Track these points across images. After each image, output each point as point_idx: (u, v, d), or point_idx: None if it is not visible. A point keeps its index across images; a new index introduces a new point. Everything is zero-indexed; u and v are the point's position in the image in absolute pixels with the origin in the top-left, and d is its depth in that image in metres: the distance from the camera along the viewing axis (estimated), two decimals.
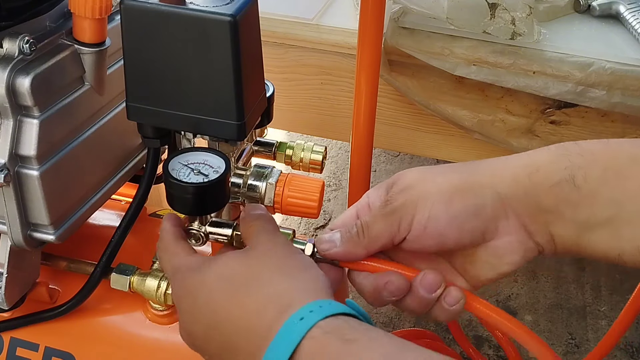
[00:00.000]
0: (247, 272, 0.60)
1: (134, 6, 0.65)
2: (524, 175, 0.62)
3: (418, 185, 0.64)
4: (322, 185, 0.75)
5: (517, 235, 0.63)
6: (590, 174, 0.60)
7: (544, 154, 0.63)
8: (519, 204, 0.62)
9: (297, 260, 0.62)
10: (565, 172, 0.60)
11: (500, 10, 1.08)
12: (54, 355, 0.82)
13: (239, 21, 0.63)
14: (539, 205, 0.61)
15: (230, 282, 0.60)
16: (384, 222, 0.64)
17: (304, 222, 1.76)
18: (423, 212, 0.62)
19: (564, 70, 1.09)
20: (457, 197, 0.62)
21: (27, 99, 0.69)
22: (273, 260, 0.61)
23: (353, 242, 0.65)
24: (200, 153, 0.70)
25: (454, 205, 0.62)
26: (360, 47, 0.87)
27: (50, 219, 0.74)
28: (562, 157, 0.61)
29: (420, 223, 0.62)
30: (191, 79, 0.67)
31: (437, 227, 0.62)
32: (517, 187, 0.62)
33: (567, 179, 0.60)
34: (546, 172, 0.61)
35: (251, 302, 0.58)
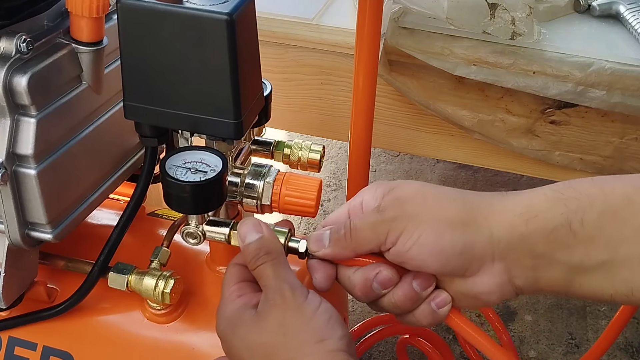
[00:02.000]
0: (266, 351, 0.62)
1: (130, 5, 0.65)
2: (522, 222, 0.62)
3: (414, 203, 0.64)
4: (319, 184, 0.75)
5: (498, 278, 0.63)
6: (586, 219, 0.60)
7: (542, 199, 0.62)
8: (511, 249, 0.62)
9: (308, 332, 0.62)
10: (562, 217, 0.60)
11: (500, 10, 1.08)
12: (52, 354, 0.82)
13: (235, 20, 0.63)
14: (533, 251, 0.61)
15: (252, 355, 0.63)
16: (371, 230, 0.64)
17: (304, 222, 1.76)
18: (411, 234, 0.62)
19: (564, 70, 1.09)
20: (448, 231, 0.62)
21: (24, 98, 0.69)
22: (286, 340, 0.62)
23: (341, 245, 0.65)
24: (198, 152, 0.70)
25: (443, 239, 0.62)
26: (358, 47, 0.87)
27: (48, 218, 0.74)
28: (558, 202, 0.61)
29: (405, 244, 0.62)
30: (188, 77, 0.67)
31: (421, 253, 0.62)
32: (513, 233, 0.62)
33: (564, 224, 0.60)
34: (544, 218, 0.61)
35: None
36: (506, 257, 0.62)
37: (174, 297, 0.79)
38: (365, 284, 0.65)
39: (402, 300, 0.65)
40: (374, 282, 0.64)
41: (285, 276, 0.65)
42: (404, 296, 0.64)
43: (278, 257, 0.66)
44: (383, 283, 0.64)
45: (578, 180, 0.63)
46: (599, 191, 0.61)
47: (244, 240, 0.67)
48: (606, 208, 0.60)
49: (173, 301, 0.79)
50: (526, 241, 0.61)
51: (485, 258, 0.62)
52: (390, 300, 0.65)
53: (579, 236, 0.60)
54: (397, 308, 0.66)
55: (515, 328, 1.51)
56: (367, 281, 0.65)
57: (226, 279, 0.68)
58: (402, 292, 0.64)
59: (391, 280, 0.64)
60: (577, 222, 0.60)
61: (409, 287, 0.64)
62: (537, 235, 0.61)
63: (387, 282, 0.64)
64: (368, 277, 0.65)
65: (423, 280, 0.64)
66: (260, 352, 0.62)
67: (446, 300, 0.65)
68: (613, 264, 0.60)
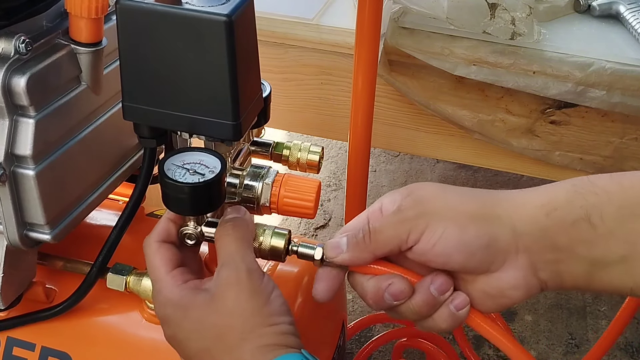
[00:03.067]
0: (217, 331, 0.64)
1: (129, 6, 0.65)
2: (543, 214, 0.62)
3: (434, 201, 0.64)
4: (318, 185, 0.75)
5: (523, 271, 0.63)
6: (606, 213, 0.60)
7: (561, 192, 0.63)
8: (534, 241, 0.62)
9: (262, 314, 0.64)
10: (581, 210, 0.61)
11: (500, 10, 1.08)
12: (50, 354, 0.82)
13: (234, 21, 0.63)
14: (554, 244, 0.62)
15: (203, 337, 0.64)
16: (393, 228, 0.64)
17: (304, 222, 1.76)
18: (435, 229, 0.62)
19: (564, 70, 1.09)
20: (472, 224, 0.62)
21: (22, 98, 0.69)
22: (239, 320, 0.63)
23: (359, 248, 0.65)
24: (196, 153, 0.70)
25: (467, 232, 0.62)
26: (358, 47, 0.87)
27: (46, 219, 0.74)
28: (578, 196, 0.62)
29: (430, 240, 0.62)
30: (187, 79, 0.67)
31: (446, 248, 0.62)
32: (534, 226, 0.62)
33: (584, 217, 0.61)
34: (564, 211, 0.62)
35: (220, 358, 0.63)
36: (529, 250, 0.62)
37: None
38: (377, 294, 0.65)
39: (420, 306, 0.64)
40: (386, 293, 0.64)
41: (245, 256, 0.66)
42: (423, 302, 0.64)
43: (246, 237, 0.68)
44: (395, 295, 0.64)
45: (597, 176, 0.63)
46: (618, 186, 0.62)
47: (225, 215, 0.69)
48: (625, 203, 0.61)
49: None
50: (548, 233, 0.62)
51: (509, 251, 0.62)
52: (409, 307, 0.64)
53: (599, 230, 0.60)
54: (416, 314, 0.65)
55: (515, 328, 1.51)
56: (379, 291, 0.64)
57: (158, 262, 0.69)
58: (421, 298, 0.64)
59: (403, 293, 0.64)
60: (596, 216, 0.60)
61: (427, 293, 0.64)
62: (558, 227, 0.61)
63: (398, 294, 0.64)
64: (380, 287, 0.64)
65: (441, 284, 0.64)
66: (212, 333, 0.64)
67: (465, 302, 0.64)
68: (633, 258, 0.60)
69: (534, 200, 0.63)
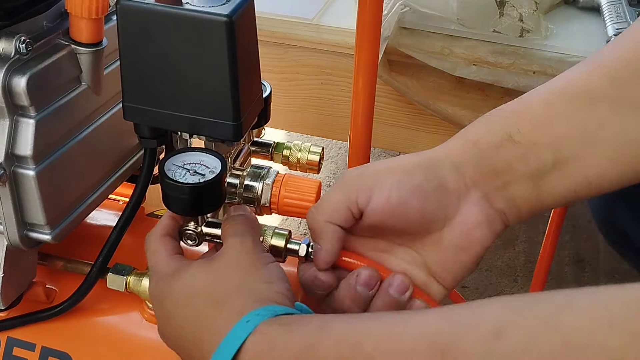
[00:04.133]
0: (209, 287, 0.62)
1: (130, 6, 0.65)
2: (470, 145, 0.65)
3: (373, 165, 0.68)
4: (318, 185, 0.75)
5: (479, 205, 0.65)
6: (522, 128, 0.64)
7: (477, 125, 0.66)
8: (476, 172, 0.64)
9: (259, 273, 0.63)
10: (501, 132, 0.64)
11: (508, 7, 1.08)
12: (50, 355, 0.82)
13: (235, 21, 0.63)
14: (494, 168, 0.64)
15: (193, 297, 0.63)
16: (338, 190, 0.66)
17: (304, 223, 1.76)
18: (384, 182, 0.64)
19: (564, 70, 1.09)
20: (418, 169, 0.65)
21: (23, 99, 0.69)
22: (234, 274, 0.63)
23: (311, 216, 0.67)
24: (196, 153, 0.70)
25: (416, 176, 0.64)
26: (358, 47, 0.87)
27: (47, 219, 0.74)
28: (492, 122, 0.66)
29: (382, 193, 0.64)
30: (187, 79, 0.67)
31: (401, 195, 0.63)
32: (469, 156, 0.65)
33: (506, 137, 0.64)
34: (487, 137, 0.65)
35: (208, 314, 0.61)
36: (475, 182, 0.65)
37: None
38: (349, 292, 0.65)
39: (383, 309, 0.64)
40: (357, 286, 0.64)
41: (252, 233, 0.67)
42: (383, 303, 0.64)
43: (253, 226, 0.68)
44: (366, 282, 0.64)
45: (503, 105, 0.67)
46: (522, 106, 0.66)
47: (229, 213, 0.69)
48: (534, 115, 0.65)
49: None
50: (483, 160, 0.64)
51: (459, 190, 0.64)
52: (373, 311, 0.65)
53: (523, 144, 0.63)
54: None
55: None
56: (351, 288, 0.65)
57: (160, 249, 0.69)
58: (381, 300, 0.64)
59: (371, 277, 0.64)
60: (515, 133, 0.64)
61: (387, 294, 0.64)
62: (489, 152, 0.64)
63: (368, 280, 0.64)
64: (350, 283, 0.65)
65: (399, 284, 0.64)
66: (208, 288, 0.62)
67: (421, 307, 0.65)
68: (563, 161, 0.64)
69: (459, 139, 0.66)
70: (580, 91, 0.65)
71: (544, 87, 0.67)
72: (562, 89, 0.66)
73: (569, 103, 0.64)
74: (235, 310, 0.59)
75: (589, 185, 0.64)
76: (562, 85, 0.66)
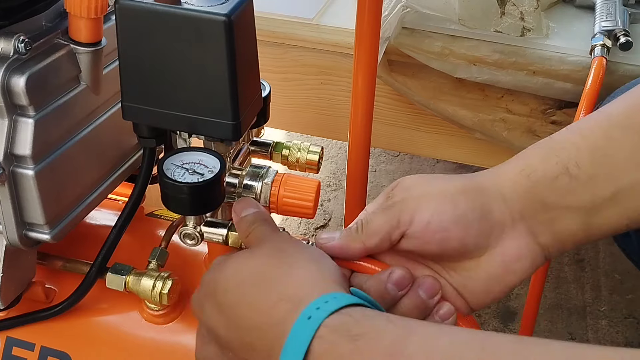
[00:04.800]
0: (256, 272, 0.60)
1: (129, 6, 0.65)
2: (524, 177, 0.63)
3: (420, 186, 0.64)
4: (317, 185, 0.75)
5: (524, 238, 0.63)
6: (580, 161, 0.62)
7: (533, 155, 0.64)
8: (524, 205, 0.63)
9: (304, 253, 0.61)
10: (558, 166, 0.62)
11: (509, 6, 1.08)
12: (49, 354, 0.82)
13: (233, 21, 0.63)
14: (543, 202, 0.62)
15: (240, 285, 0.60)
16: (382, 214, 0.63)
17: (304, 222, 1.76)
18: (427, 207, 0.62)
19: (564, 70, 1.09)
20: (462, 197, 0.62)
21: (22, 98, 0.69)
22: (280, 257, 0.61)
23: (351, 237, 0.64)
24: (195, 153, 0.70)
25: (460, 205, 0.62)
26: (357, 47, 0.87)
27: (46, 219, 0.74)
28: (549, 154, 0.63)
29: (423, 218, 0.62)
30: (186, 78, 0.67)
31: (442, 223, 0.62)
32: (520, 189, 0.63)
33: (562, 170, 0.62)
34: (542, 170, 0.62)
35: (261, 301, 0.58)
36: (523, 215, 0.63)
37: (171, 297, 0.79)
38: (379, 287, 0.63)
39: (410, 309, 0.63)
40: (388, 284, 0.62)
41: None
42: (412, 304, 0.63)
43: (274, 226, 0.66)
44: (398, 282, 0.62)
45: (556, 134, 0.65)
46: (580, 137, 0.64)
47: (240, 214, 0.67)
48: (593, 147, 0.63)
49: (171, 302, 0.79)
50: (534, 194, 0.62)
51: (505, 222, 0.63)
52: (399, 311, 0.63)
53: (580, 178, 0.62)
54: None
55: (515, 328, 1.51)
56: (381, 284, 0.63)
57: None
58: (410, 300, 0.63)
59: (405, 278, 0.62)
60: (573, 166, 0.62)
61: (416, 295, 0.63)
62: (542, 186, 0.62)
63: (401, 280, 0.62)
64: (382, 279, 0.63)
65: (429, 287, 0.63)
66: (249, 279, 0.60)
67: (451, 311, 0.63)
68: (620, 196, 0.62)
69: (511, 168, 0.64)
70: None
71: (604, 116, 0.65)
72: (624, 121, 0.64)
73: (631, 136, 0.62)
74: (294, 298, 0.57)
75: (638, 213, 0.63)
76: (624, 118, 0.64)
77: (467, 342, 0.52)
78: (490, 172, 0.65)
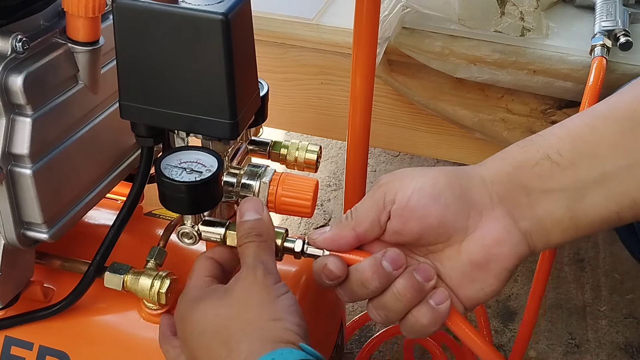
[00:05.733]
0: (220, 323, 0.64)
1: (126, 5, 0.65)
2: (505, 164, 0.65)
3: (404, 171, 0.67)
4: (315, 184, 0.75)
5: (502, 222, 0.64)
6: (562, 149, 0.63)
7: (516, 148, 0.66)
8: (505, 189, 0.64)
9: (269, 308, 0.63)
10: (539, 153, 0.64)
11: (509, 5, 1.08)
12: (48, 354, 0.82)
13: (230, 20, 0.63)
14: (524, 186, 0.64)
15: (202, 333, 0.64)
16: (369, 199, 0.66)
17: (304, 222, 1.76)
18: (408, 184, 0.64)
19: (564, 69, 1.09)
20: (442, 176, 0.64)
21: (19, 97, 0.69)
22: (244, 311, 0.63)
23: (342, 226, 0.67)
24: (193, 152, 0.70)
25: (439, 183, 0.64)
26: (356, 47, 0.87)
27: (44, 218, 0.74)
28: (532, 145, 0.65)
29: (404, 195, 0.64)
30: (184, 77, 0.67)
31: (421, 199, 0.63)
32: (501, 174, 0.65)
33: (543, 157, 0.63)
34: (524, 157, 0.64)
35: (217, 352, 0.62)
36: (503, 198, 0.64)
37: (169, 297, 0.79)
38: (375, 266, 0.64)
39: (405, 288, 0.64)
40: (384, 261, 0.64)
41: (264, 259, 0.66)
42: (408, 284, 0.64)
43: (266, 242, 0.68)
44: (394, 260, 0.64)
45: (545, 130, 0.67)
46: (563, 129, 0.65)
47: (242, 216, 0.69)
48: (575, 137, 0.64)
49: (169, 301, 0.79)
50: (514, 178, 0.64)
51: (484, 203, 0.64)
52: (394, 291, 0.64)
53: (562, 163, 0.63)
54: (400, 301, 0.65)
55: (515, 328, 1.51)
56: (376, 261, 0.64)
57: (197, 270, 0.70)
58: (405, 280, 0.64)
59: (399, 256, 0.65)
60: (554, 153, 0.63)
61: (411, 276, 0.64)
62: (523, 171, 0.64)
63: (396, 258, 0.64)
64: (377, 257, 0.65)
65: (424, 270, 0.65)
66: (216, 325, 0.63)
67: (445, 296, 0.65)
68: (605, 181, 0.62)
69: (492, 159, 0.66)
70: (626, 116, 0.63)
71: (587, 111, 0.67)
72: (606, 112, 0.65)
73: (614, 125, 0.63)
74: (242, 355, 0.60)
75: (634, 205, 0.62)
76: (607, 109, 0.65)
77: None
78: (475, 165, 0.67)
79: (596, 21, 1.10)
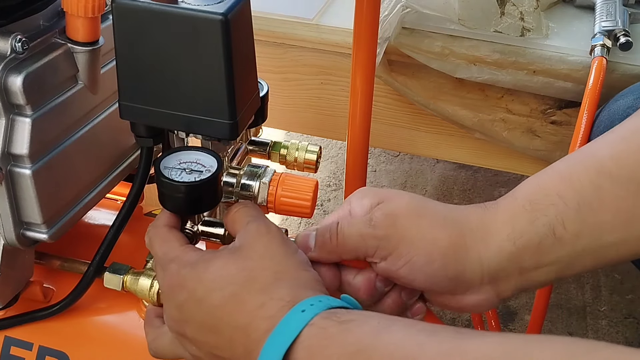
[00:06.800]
0: (247, 274, 0.60)
1: (125, 5, 0.65)
2: (509, 244, 0.63)
3: (407, 225, 0.64)
4: (315, 185, 0.75)
5: (486, 295, 0.65)
6: (567, 219, 0.62)
7: (523, 214, 0.63)
8: (500, 270, 0.63)
9: (294, 260, 0.62)
10: (545, 227, 0.62)
11: (509, 6, 1.08)
12: (47, 354, 0.82)
13: (230, 20, 0.63)
14: (521, 267, 0.63)
15: (230, 283, 0.60)
16: (362, 240, 0.64)
17: (304, 222, 1.76)
18: (402, 254, 0.63)
19: (564, 69, 1.09)
20: (439, 257, 0.63)
21: (19, 97, 0.69)
22: (272, 262, 0.61)
23: (327, 249, 0.66)
24: (192, 152, 0.70)
25: (434, 264, 0.63)
26: (355, 47, 0.87)
27: (43, 218, 0.74)
28: (538, 213, 0.63)
29: (396, 263, 0.63)
30: (183, 77, 0.67)
31: (411, 274, 0.63)
32: (501, 254, 0.63)
33: (548, 233, 0.62)
34: (529, 235, 0.63)
35: (252, 300, 0.58)
36: (495, 278, 0.64)
37: None
38: (369, 285, 0.66)
39: (391, 307, 0.67)
40: (377, 282, 0.65)
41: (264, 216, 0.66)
42: (394, 303, 0.66)
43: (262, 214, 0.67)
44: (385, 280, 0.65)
45: (547, 178, 0.65)
46: (569, 187, 0.63)
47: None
48: (581, 203, 0.62)
49: None
50: (515, 258, 0.63)
51: (474, 281, 0.64)
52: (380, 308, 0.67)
53: (564, 238, 0.62)
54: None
55: (515, 328, 1.51)
56: (370, 281, 0.65)
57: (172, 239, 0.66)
58: (392, 300, 0.67)
59: None
60: (559, 226, 0.62)
61: (398, 295, 0.67)
62: (525, 251, 0.63)
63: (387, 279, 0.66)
64: (370, 277, 0.66)
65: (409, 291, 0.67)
66: (241, 277, 0.60)
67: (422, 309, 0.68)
68: (600, 249, 0.62)
69: (501, 229, 0.63)
70: (630, 177, 0.62)
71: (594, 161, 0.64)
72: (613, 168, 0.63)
73: (619, 189, 0.62)
74: (286, 297, 0.57)
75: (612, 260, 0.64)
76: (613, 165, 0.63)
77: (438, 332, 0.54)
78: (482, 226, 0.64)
79: (596, 21, 1.09)
